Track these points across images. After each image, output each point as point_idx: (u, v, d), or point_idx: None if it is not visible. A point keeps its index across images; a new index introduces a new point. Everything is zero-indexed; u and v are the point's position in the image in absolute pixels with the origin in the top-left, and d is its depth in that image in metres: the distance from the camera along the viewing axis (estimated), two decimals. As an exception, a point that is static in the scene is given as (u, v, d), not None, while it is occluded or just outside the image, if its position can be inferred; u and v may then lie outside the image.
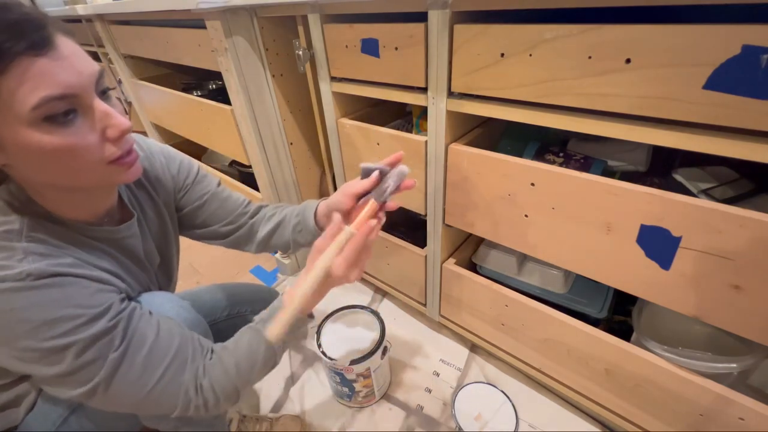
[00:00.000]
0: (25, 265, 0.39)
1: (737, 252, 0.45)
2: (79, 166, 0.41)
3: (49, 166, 0.40)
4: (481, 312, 0.85)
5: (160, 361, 0.46)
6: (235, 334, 0.54)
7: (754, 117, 0.39)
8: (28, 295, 0.39)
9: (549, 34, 0.49)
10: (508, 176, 0.63)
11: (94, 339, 0.42)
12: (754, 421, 0.53)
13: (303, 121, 1.10)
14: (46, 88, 0.35)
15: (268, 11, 0.86)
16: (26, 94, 0.34)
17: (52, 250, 0.43)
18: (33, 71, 0.35)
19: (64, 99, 0.37)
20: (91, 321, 0.42)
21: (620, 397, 0.69)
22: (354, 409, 0.88)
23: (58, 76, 0.36)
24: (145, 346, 0.46)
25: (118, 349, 0.43)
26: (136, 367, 0.45)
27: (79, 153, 0.40)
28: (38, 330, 0.39)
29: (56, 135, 0.37)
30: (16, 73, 0.34)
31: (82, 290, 0.43)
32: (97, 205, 0.50)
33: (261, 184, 1.15)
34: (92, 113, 0.40)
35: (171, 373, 0.47)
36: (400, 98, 0.72)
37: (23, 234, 0.42)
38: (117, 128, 0.41)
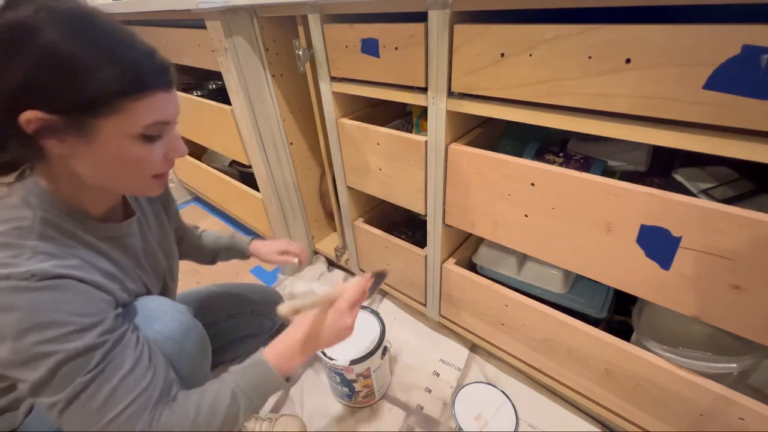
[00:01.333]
0: (32, 264, 0.41)
1: (737, 252, 0.45)
2: (134, 175, 0.48)
3: (112, 170, 0.46)
4: (481, 312, 0.85)
5: (123, 398, 0.44)
6: (205, 385, 0.52)
7: (754, 117, 0.39)
8: (28, 296, 0.40)
9: (549, 34, 0.49)
10: (508, 176, 0.63)
11: (75, 354, 0.42)
12: (754, 421, 0.53)
13: (303, 121, 1.10)
14: (159, 114, 0.45)
15: (268, 11, 0.86)
16: (145, 116, 0.43)
17: (59, 250, 0.44)
18: (158, 101, 0.44)
19: (165, 124, 0.46)
20: (80, 331, 0.42)
21: (620, 397, 0.69)
22: (354, 409, 0.88)
23: (169, 107, 0.46)
24: (116, 377, 0.44)
25: (90, 372, 0.43)
26: (100, 396, 0.43)
27: (144, 166, 0.47)
28: (28, 332, 0.40)
29: (140, 149, 0.45)
30: (148, 101, 0.43)
31: (79, 296, 0.44)
32: (109, 203, 0.53)
33: (261, 184, 1.15)
34: (167, 135, 0.48)
35: (128, 414, 0.45)
36: (400, 98, 0.72)
37: (34, 230, 0.43)
38: (179, 153, 0.50)
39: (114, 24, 0.42)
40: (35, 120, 0.39)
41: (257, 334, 0.97)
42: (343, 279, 1.27)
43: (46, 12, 0.38)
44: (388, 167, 0.82)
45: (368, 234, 1.01)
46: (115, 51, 0.41)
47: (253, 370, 0.55)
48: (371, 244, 1.03)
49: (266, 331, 0.99)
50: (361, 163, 0.88)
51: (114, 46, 0.41)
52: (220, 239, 0.89)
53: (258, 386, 0.54)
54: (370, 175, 0.88)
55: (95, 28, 0.41)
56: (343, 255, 1.20)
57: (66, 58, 0.38)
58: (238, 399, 0.52)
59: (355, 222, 1.05)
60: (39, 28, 0.38)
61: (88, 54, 0.39)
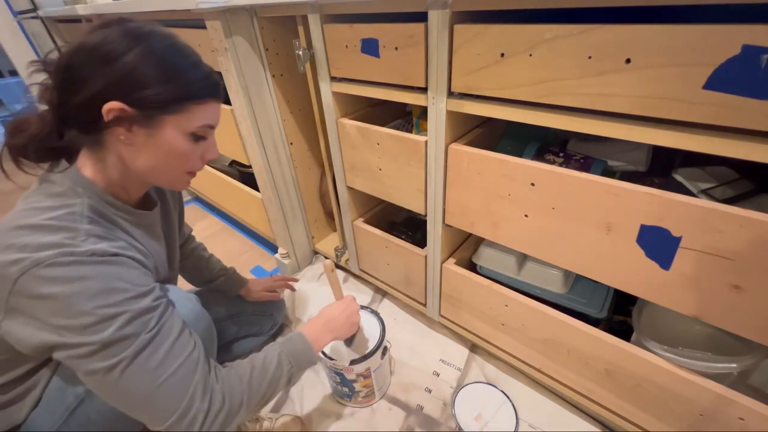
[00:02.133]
0: (89, 245, 0.46)
1: (737, 252, 0.45)
2: (175, 168, 0.55)
3: (159, 160, 0.52)
4: (481, 312, 0.85)
5: (178, 356, 0.50)
6: (256, 357, 0.60)
7: (754, 117, 0.39)
8: (94, 267, 0.45)
9: (549, 34, 0.49)
10: (508, 176, 0.63)
11: (138, 313, 0.47)
12: (754, 421, 0.53)
13: (303, 121, 1.10)
14: (209, 119, 0.54)
15: (268, 11, 0.86)
16: (201, 118, 0.52)
17: (107, 232, 0.50)
18: (212, 108, 0.54)
19: (211, 128, 0.55)
20: (140, 296, 0.48)
21: (620, 397, 0.69)
22: (354, 409, 0.88)
23: (217, 115, 0.55)
24: (171, 337, 0.50)
25: (150, 331, 0.48)
26: (159, 354, 0.48)
27: (186, 161, 0.54)
28: (97, 296, 0.44)
29: (187, 145, 0.53)
30: (206, 107, 0.52)
31: (133, 270, 0.50)
32: (141, 192, 0.60)
33: (261, 184, 1.15)
34: (209, 139, 0.56)
35: (184, 370, 0.50)
36: (400, 98, 0.72)
37: (84, 215, 0.49)
38: (213, 154, 0.58)
39: (188, 45, 0.52)
40: (117, 110, 0.46)
41: (258, 334, 0.98)
42: (343, 279, 1.27)
43: (153, 27, 0.50)
44: (388, 167, 0.82)
45: (368, 234, 1.01)
46: (198, 63, 0.52)
47: (294, 341, 0.65)
48: (371, 244, 1.03)
49: (267, 331, 0.99)
50: (361, 163, 0.88)
51: (197, 59, 0.52)
52: (228, 270, 0.95)
53: (299, 354, 0.63)
54: (370, 175, 0.88)
55: (183, 44, 0.51)
56: (343, 255, 1.20)
57: (166, 63, 0.48)
58: (283, 362, 0.60)
59: (355, 222, 1.05)
60: (151, 36, 0.48)
61: (182, 63, 0.50)
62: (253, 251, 1.49)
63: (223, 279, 0.92)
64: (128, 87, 0.46)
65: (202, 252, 0.92)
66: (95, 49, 0.46)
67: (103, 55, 0.46)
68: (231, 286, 0.93)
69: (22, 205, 0.49)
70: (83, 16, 1.44)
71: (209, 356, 0.55)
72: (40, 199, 0.49)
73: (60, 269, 0.43)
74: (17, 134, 0.49)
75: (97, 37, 0.46)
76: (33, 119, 0.50)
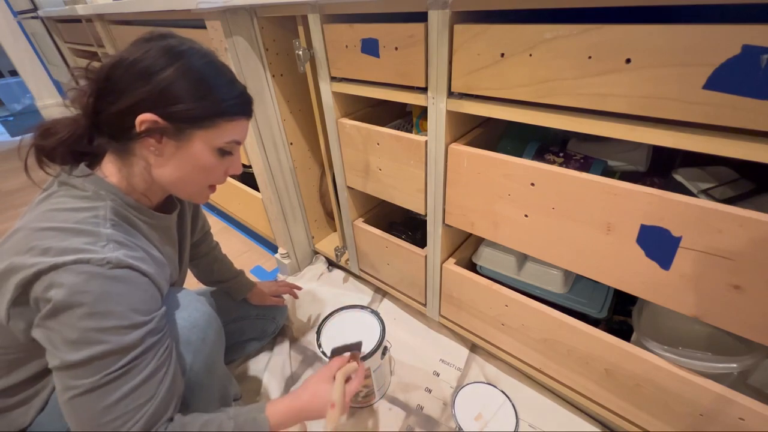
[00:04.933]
0: (107, 252, 0.46)
1: (737, 252, 0.45)
2: (198, 182, 0.56)
3: (185, 172, 0.54)
4: (481, 312, 0.85)
5: (127, 406, 0.47)
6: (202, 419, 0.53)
7: (754, 117, 0.39)
8: (101, 282, 0.45)
9: (549, 34, 0.49)
10: (508, 176, 0.63)
11: (117, 350, 0.46)
12: (754, 421, 0.53)
13: (303, 121, 1.10)
14: (237, 135, 0.55)
15: (268, 11, 0.86)
16: (229, 134, 0.54)
17: (127, 239, 0.51)
18: (241, 126, 0.55)
19: (237, 144, 0.56)
20: (130, 328, 0.47)
21: (620, 397, 0.69)
22: (354, 409, 0.88)
23: (244, 132, 0.57)
24: (134, 381, 0.47)
25: (116, 372, 0.46)
26: (111, 398, 0.45)
27: (210, 175, 0.56)
28: (90, 317, 0.44)
29: (213, 160, 0.54)
30: (236, 124, 0.54)
31: (140, 292, 0.49)
32: (162, 197, 0.61)
33: (261, 185, 1.15)
34: (234, 155, 0.57)
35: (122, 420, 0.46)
36: (400, 98, 0.72)
37: (107, 219, 0.50)
38: (235, 170, 0.59)
39: (224, 63, 0.54)
40: (150, 122, 0.48)
41: (260, 338, 0.98)
42: (343, 279, 1.27)
43: (192, 44, 0.51)
44: (388, 167, 0.82)
45: (368, 234, 1.01)
46: (232, 82, 0.53)
47: (256, 423, 0.55)
48: (371, 244, 1.03)
49: (269, 334, 0.99)
50: (361, 163, 0.88)
51: (231, 77, 0.54)
52: (238, 273, 0.95)
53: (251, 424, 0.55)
54: (370, 175, 0.88)
55: (219, 62, 0.53)
56: (343, 255, 1.20)
57: (202, 80, 0.50)
58: None
59: (355, 222, 1.05)
60: (189, 54, 0.50)
61: (216, 80, 0.51)
62: (253, 251, 1.49)
63: (233, 282, 0.92)
64: (163, 101, 0.48)
65: (218, 253, 0.92)
66: (135, 63, 0.48)
67: (141, 70, 0.48)
68: (239, 289, 0.93)
69: (45, 206, 0.49)
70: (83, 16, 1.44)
71: (168, 408, 0.50)
72: (64, 201, 0.49)
73: (71, 277, 0.43)
74: (48, 136, 0.50)
75: (138, 51, 0.48)
76: (65, 122, 0.51)
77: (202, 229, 0.87)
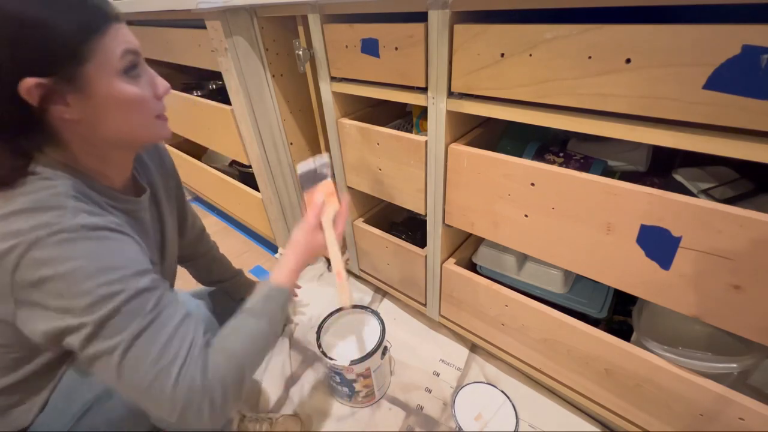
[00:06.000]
0: (79, 219, 0.44)
1: (737, 252, 0.45)
2: (139, 117, 0.50)
3: (121, 117, 0.49)
4: (481, 312, 0.85)
5: (179, 344, 0.47)
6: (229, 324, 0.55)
7: (754, 117, 0.39)
8: (85, 244, 0.43)
9: (549, 34, 0.49)
10: (508, 176, 0.63)
11: (137, 292, 0.45)
12: (754, 421, 0.53)
13: (303, 121, 1.10)
14: (125, 43, 0.47)
15: (268, 11, 0.86)
16: (115, 48, 0.46)
17: (96, 209, 0.48)
18: (117, 32, 0.47)
19: (135, 54, 0.48)
20: (138, 275, 0.46)
21: (620, 397, 0.69)
22: (354, 409, 0.88)
23: (128, 36, 0.48)
24: (172, 322, 0.47)
25: (149, 314, 0.46)
26: (160, 339, 0.46)
27: (144, 105, 0.50)
28: (94, 275, 0.43)
29: (129, 87, 0.48)
30: (111, 34, 0.46)
31: (130, 245, 0.48)
32: (124, 173, 0.57)
33: (261, 184, 1.15)
34: (145, 73, 0.51)
35: (184, 359, 0.47)
36: (400, 98, 0.72)
37: (69, 195, 0.46)
38: (163, 87, 0.53)
39: None
40: (35, 87, 0.42)
41: None
42: (343, 279, 1.27)
43: None
44: (388, 167, 0.82)
45: (368, 234, 1.01)
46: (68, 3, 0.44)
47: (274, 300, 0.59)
48: (371, 244, 1.03)
49: None
50: (361, 163, 0.88)
51: None
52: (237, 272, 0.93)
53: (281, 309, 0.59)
54: (370, 175, 0.88)
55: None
56: (343, 255, 1.20)
57: (35, 20, 0.42)
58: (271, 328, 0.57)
59: (355, 222, 1.05)
60: None
61: (49, 12, 0.43)
62: (253, 251, 1.49)
63: (232, 281, 0.92)
64: (22, 60, 0.42)
65: (216, 253, 0.91)
66: None
67: None
68: (238, 289, 0.93)
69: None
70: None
71: (208, 341, 0.52)
72: (13, 192, 0.45)
73: (53, 249, 0.42)
74: None
75: None
76: None
77: (194, 226, 0.84)
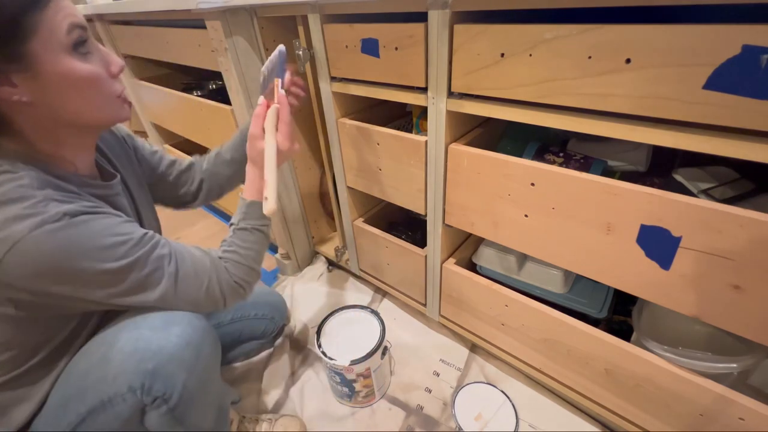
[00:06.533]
0: (57, 207, 0.43)
1: (737, 252, 0.45)
2: (99, 98, 0.49)
3: (76, 97, 0.47)
4: (481, 312, 0.85)
5: (202, 269, 0.57)
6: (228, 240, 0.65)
7: (754, 117, 0.39)
8: (75, 231, 0.43)
9: (549, 34, 0.49)
10: (508, 176, 0.63)
11: (152, 248, 0.50)
12: (754, 421, 0.53)
13: (303, 121, 1.10)
14: (71, 17, 0.45)
15: (268, 11, 0.86)
16: (60, 22, 0.44)
17: (66, 196, 0.46)
18: (61, 5, 0.44)
19: (82, 28, 0.46)
20: (139, 242, 0.49)
21: (620, 397, 0.69)
22: (354, 409, 0.88)
23: (74, 10, 0.46)
24: (188, 259, 0.56)
25: (171, 264, 0.53)
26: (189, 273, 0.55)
27: (100, 83, 0.48)
28: (101, 254, 0.45)
29: (81, 66, 0.46)
30: (54, 6, 0.43)
31: (115, 221, 0.49)
32: (87, 155, 0.55)
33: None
34: (97, 51, 0.49)
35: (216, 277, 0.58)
36: (400, 98, 0.72)
37: (34, 185, 0.44)
38: (117, 65, 0.51)
39: None
40: None
41: (259, 338, 0.97)
42: (343, 280, 1.27)
43: None
44: (388, 167, 0.82)
45: (368, 234, 1.01)
46: None
47: (252, 211, 0.67)
48: (371, 244, 1.03)
49: (268, 335, 0.99)
50: (361, 163, 0.88)
51: None
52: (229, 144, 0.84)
53: (246, 215, 0.67)
54: (370, 175, 0.88)
55: None
56: (343, 255, 1.20)
57: None
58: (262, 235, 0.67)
59: (355, 222, 1.05)
60: None
61: None
62: (253, 251, 1.48)
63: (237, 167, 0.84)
64: None
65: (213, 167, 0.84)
66: None
67: None
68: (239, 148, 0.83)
69: None
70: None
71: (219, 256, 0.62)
72: None
73: (39, 245, 0.40)
74: None
75: None
76: None
77: (160, 160, 0.78)
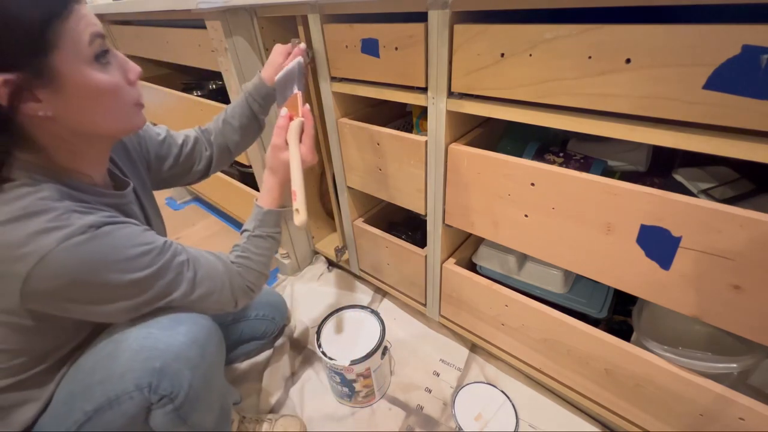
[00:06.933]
0: (80, 220, 0.44)
1: (737, 252, 0.45)
2: (117, 107, 0.49)
3: (97, 108, 0.47)
4: (481, 312, 0.85)
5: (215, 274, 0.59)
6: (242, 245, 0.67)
7: (754, 117, 0.39)
8: (100, 243, 0.45)
9: (549, 34, 0.49)
10: (508, 176, 0.63)
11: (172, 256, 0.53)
12: (754, 421, 0.53)
13: (303, 121, 1.10)
14: (91, 26, 0.44)
15: (268, 11, 0.86)
16: (82, 32, 0.43)
17: (86, 207, 0.47)
18: (82, 14, 0.44)
19: (102, 37, 0.46)
20: (162, 250, 0.51)
21: (620, 397, 0.69)
22: (354, 409, 0.88)
23: (93, 18, 0.45)
24: (204, 264, 0.58)
25: (189, 269, 0.55)
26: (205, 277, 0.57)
27: (119, 93, 0.48)
28: (127, 265, 0.46)
29: (105, 74, 0.46)
30: (75, 16, 0.43)
31: (136, 231, 0.50)
32: (100, 171, 0.56)
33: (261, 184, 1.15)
34: (114, 59, 0.48)
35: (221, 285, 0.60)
36: (400, 98, 0.72)
37: (55, 197, 0.45)
38: (134, 72, 0.51)
39: None
40: (1, 85, 0.40)
41: (260, 338, 0.98)
42: (343, 279, 1.27)
43: None
44: (388, 167, 0.82)
45: (368, 234, 1.01)
46: None
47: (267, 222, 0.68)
48: (371, 244, 1.03)
49: (268, 335, 0.99)
50: (361, 163, 0.88)
51: None
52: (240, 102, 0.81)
53: (275, 225, 0.69)
54: (370, 175, 0.88)
55: None
56: (343, 255, 1.20)
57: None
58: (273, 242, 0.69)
59: (355, 222, 1.05)
60: None
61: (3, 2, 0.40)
62: (253, 251, 1.48)
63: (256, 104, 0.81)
64: None
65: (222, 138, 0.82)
66: None
67: None
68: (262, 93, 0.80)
69: None
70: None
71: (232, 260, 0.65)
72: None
73: (65, 258, 0.41)
74: None
75: None
76: None
77: (169, 149, 0.76)
